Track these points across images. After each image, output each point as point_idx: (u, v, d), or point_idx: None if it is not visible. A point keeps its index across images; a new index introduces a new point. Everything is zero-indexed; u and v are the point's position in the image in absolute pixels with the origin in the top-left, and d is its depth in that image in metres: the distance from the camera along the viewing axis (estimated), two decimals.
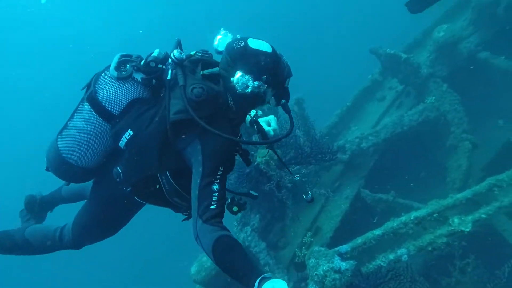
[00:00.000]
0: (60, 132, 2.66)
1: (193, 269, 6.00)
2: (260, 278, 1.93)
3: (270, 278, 1.93)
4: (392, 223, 4.21)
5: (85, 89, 2.61)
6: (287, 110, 2.56)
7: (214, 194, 2.19)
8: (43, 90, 24.65)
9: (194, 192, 2.22)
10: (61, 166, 2.65)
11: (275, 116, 2.83)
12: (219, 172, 2.25)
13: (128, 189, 2.58)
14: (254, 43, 2.35)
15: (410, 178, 7.19)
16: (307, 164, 5.23)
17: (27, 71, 24.85)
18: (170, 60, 2.46)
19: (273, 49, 2.39)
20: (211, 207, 2.16)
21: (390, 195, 6.41)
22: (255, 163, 4.63)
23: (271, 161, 4.58)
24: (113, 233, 2.98)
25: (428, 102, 6.74)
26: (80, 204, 3.14)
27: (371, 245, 4.16)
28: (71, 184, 3.17)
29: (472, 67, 7.04)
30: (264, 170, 4.63)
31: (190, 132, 2.32)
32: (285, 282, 1.90)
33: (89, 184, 3.09)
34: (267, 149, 3.98)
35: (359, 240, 4.18)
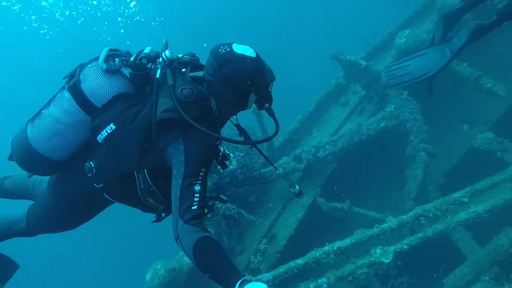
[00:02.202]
0: (32, 120, 2.56)
1: (148, 277, 6.19)
2: (240, 280, 1.94)
3: (250, 281, 1.94)
4: (315, 253, 4.30)
5: (67, 79, 2.53)
6: (271, 113, 2.56)
7: (195, 195, 2.19)
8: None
9: (176, 192, 2.22)
10: (28, 157, 2.53)
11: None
12: (201, 174, 2.26)
13: (99, 186, 2.53)
14: (239, 48, 2.36)
15: (369, 186, 7.23)
16: (244, 187, 5.31)
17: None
18: (160, 59, 2.46)
19: (257, 54, 2.41)
20: (192, 207, 2.17)
21: (345, 204, 6.46)
22: None
23: None
24: (71, 228, 2.87)
25: (387, 110, 6.68)
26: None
27: (293, 274, 4.26)
28: (17, 178, 3.09)
29: None
30: None
31: (174, 132, 2.32)
32: (266, 286, 1.91)
33: (38, 182, 2.97)
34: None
35: (281, 269, 4.29)
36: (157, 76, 2.41)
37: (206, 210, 2.47)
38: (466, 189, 4.53)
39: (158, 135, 2.31)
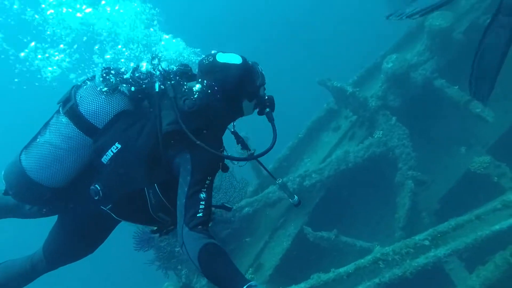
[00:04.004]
0: (26, 150, 2.51)
1: None
2: (246, 286, 1.95)
3: (256, 286, 1.95)
4: None
5: (61, 103, 2.51)
6: (270, 119, 2.56)
7: (201, 203, 2.20)
8: None
9: (181, 200, 2.23)
10: (26, 188, 2.46)
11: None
12: (207, 182, 2.28)
13: (108, 207, 2.52)
14: (222, 57, 2.41)
15: (363, 212, 7.09)
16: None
17: None
18: (157, 72, 2.49)
19: (244, 60, 2.45)
20: (197, 215, 2.17)
21: (332, 233, 6.38)
22: None
23: None
24: (90, 252, 2.86)
25: (375, 137, 6.54)
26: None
27: None
28: None
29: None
30: None
31: (181, 142, 2.33)
32: None
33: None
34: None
35: None
36: (156, 89, 2.43)
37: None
38: (429, 231, 4.37)
39: (165, 147, 2.34)
